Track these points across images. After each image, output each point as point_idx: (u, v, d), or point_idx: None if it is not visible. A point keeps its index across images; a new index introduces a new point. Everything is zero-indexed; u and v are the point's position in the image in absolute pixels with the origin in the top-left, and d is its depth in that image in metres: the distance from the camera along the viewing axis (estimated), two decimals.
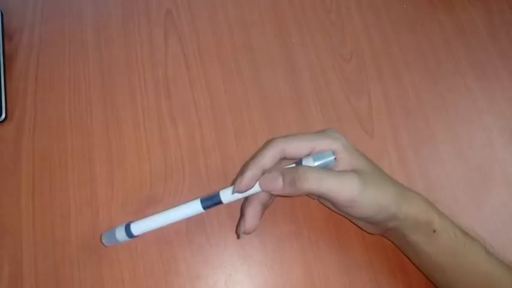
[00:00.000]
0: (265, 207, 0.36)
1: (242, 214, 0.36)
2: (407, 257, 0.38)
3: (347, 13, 0.49)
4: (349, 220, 0.38)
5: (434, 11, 0.49)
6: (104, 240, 0.38)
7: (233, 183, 0.34)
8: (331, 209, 0.38)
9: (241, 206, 0.38)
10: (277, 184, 0.32)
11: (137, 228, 0.36)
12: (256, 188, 0.34)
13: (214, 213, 0.41)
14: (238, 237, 0.40)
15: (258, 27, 0.48)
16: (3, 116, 0.43)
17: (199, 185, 0.42)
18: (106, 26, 0.49)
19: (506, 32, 0.48)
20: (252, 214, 0.35)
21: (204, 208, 0.35)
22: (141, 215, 0.41)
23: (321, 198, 0.38)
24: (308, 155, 0.34)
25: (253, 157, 0.34)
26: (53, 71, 0.46)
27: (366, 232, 0.38)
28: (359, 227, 0.38)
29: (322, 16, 0.49)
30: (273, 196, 0.37)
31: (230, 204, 0.35)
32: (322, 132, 0.35)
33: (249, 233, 0.35)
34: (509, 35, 0.48)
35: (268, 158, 0.33)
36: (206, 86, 0.46)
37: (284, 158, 0.34)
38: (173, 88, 0.46)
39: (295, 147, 0.33)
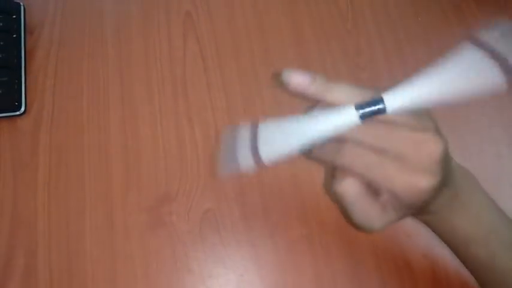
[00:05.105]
0: None
1: None
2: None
3: (363, 23, 0.50)
4: None
5: (449, 24, 0.50)
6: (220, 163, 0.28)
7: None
8: None
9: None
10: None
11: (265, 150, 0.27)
12: None
13: (227, 213, 0.42)
14: None
15: (276, 33, 0.49)
16: (23, 109, 0.44)
17: (213, 185, 0.43)
18: (126, 24, 0.49)
19: None
20: None
21: (361, 117, 0.25)
22: (155, 212, 0.42)
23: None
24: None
25: None
26: (72, 66, 0.47)
27: None
28: None
29: (339, 25, 0.50)
30: None
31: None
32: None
33: None
34: None
35: None
36: (223, 87, 0.47)
37: None
38: (190, 88, 0.46)
39: None
